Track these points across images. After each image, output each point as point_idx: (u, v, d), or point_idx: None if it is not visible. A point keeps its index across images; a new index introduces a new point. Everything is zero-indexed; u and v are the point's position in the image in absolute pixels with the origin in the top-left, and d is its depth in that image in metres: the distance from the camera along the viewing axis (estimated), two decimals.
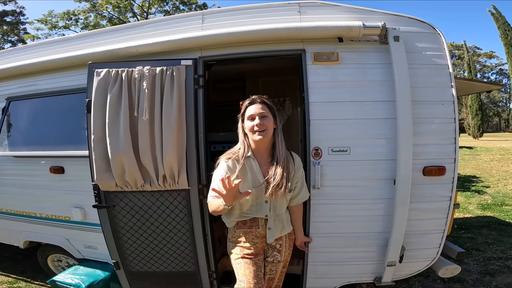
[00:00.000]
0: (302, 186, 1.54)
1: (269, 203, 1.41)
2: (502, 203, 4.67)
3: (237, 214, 1.42)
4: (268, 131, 1.39)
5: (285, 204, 1.48)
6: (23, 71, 2.22)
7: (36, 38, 15.45)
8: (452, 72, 1.79)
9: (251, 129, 1.38)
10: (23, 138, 2.35)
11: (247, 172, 1.40)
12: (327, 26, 1.71)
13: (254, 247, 1.42)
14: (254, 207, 1.40)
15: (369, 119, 1.74)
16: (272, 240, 1.44)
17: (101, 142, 1.71)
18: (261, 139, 1.38)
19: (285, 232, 1.50)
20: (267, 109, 1.41)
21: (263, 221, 1.43)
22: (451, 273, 1.97)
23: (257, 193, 1.38)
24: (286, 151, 1.46)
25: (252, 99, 1.43)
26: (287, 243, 1.51)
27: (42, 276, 2.67)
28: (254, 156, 1.42)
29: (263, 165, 1.43)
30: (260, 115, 1.38)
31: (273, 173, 1.37)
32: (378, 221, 1.79)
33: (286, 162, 1.41)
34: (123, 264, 1.99)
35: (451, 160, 1.73)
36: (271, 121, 1.40)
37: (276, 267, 1.51)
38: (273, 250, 1.48)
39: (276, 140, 1.43)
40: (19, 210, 2.39)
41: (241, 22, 1.85)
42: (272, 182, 1.36)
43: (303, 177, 1.55)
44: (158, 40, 1.84)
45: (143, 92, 1.67)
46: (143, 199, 1.83)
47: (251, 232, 1.43)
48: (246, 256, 1.40)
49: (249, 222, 1.43)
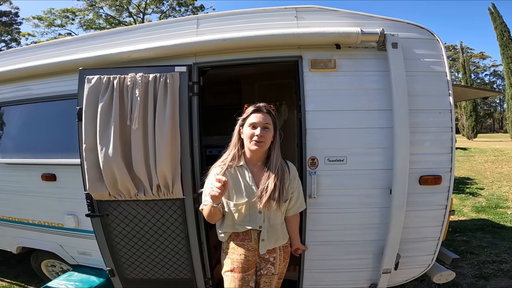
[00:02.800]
0: (298, 196, 1.51)
1: (263, 214, 1.39)
2: (496, 206, 4.72)
3: (230, 225, 1.40)
4: (265, 143, 1.37)
5: (280, 215, 1.45)
6: (13, 76, 2.16)
7: (32, 36, 15.24)
8: (450, 79, 1.77)
9: (249, 137, 1.36)
10: (14, 144, 2.30)
11: (239, 181, 1.37)
12: (324, 33, 1.68)
13: (245, 260, 1.40)
14: (247, 217, 1.38)
15: (366, 128, 1.72)
16: (264, 251, 1.41)
17: (93, 151, 1.67)
18: (256, 150, 1.36)
19: (279, 244, 1.47)
20: (270, 120, 1.39)
21: (255, 234, 1.41)
22: (445, 278, 1.98)
23: (250, 203, 1.36)
24: (282, 160, 1.44)
25: (259, 107, 1.39)
26: (282, 256, 1.48)
27: (36, 281, 2.65)
28: (246, 165, 1.40)
29: (256, 174, 1.40)
30: (263, 126, 1.35)
31: (266, 185, 1.35)
32: (374, 229, 1.79)
33: (280, 173, 1.39)
34: (118, 272, 1.98)
35: (447, 169, 1.73)
36: (271, 134, 1.38)
37: (271, 279, 1.48)
38: (266, 263, 1.45)
39: (272, 152, 1.40)
40: (11, 216, 2.36)
41: (236, 28, 1.82)
42: (265, 195, 1.33)
43: (299, 187, 1.52)
44: (151, 46, 1.80)
45: (136, 100, 1.63)
46: (137, 208, 1.80)
47: (243, 245, 1.41)
48: (235, 270, 1.39)
49: (241, 235, 1.41)
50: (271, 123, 1.38)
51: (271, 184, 1.34)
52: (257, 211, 1.37)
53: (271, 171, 1.37)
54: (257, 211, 1.38)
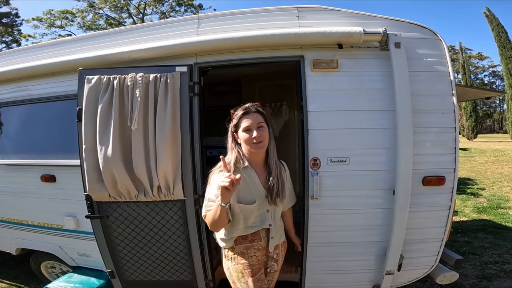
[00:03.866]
0: (291, 191, 1.55)
1: (270, 212, 1.39)
2: (497, 206, 4.70)
3: (241, 229, 1.36)
4: (265, 142, 1.35)
5: (280, 211, 1.48)
6: (13, 76, 2.15)
7: (32, 37, 15.23)
8: (453, 79, 1.76)
9: (247, 141, 1.33)
10: (13, 145, 2.28)
11: (247, 182, 1.36)
12: (326, 32, 1.67)
13: (256, 261, 1.39)
14: (258, 218, 1.37)
15: (368, 129, 1.71)
16: (272, 248, 1.42)
17: (92, 152, 1.65)
18: (259, 151, 1.34)
19: (282, 239, 1.50)
20: (262, 118, 1.34)
21: (264, 232, 1.40)
22: (449, 279, 1.97)
23: (260, 204, 1.36)
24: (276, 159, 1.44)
25: (246, 109, 1.34)
26: (283, 251, 1.51)
27: (35, 282, 2.64)
28: (251, 166, 1.38)
29: (260, 175, 1.40)
30: (257, 126, 1.33)
31: (272, 182, 1.35)
32: (377, 230, 1.78)
33: (279, 169, 1.40)
34: (118, 273, 1.96)
35: (450, 170, 1.72)
36: (267, 131, 1.36)
37: (273, 276, 1.50)
38: (271, 260, 1.47)
39: (270, 148, 1.39)
40: (10, 218, 2.34)
41: (238, 27, 1.80)
42: (273, 191, 1.34)
43: (290, 182, 1.54)
44: (151, 46, 1.78)
45: (136, 101, 1.62)
46: (138, 209, 1.79)
47: (253, 246, 1.39)
48: (249, 274, 1.37)
49: (250, 236, 1.38)
50: (263, 120, 1.34)
51: (275, 180, 1.35)
52: (265, 210, 1.38)
53: (271, 168, 1.37)
54: (265, 210, 1.38)
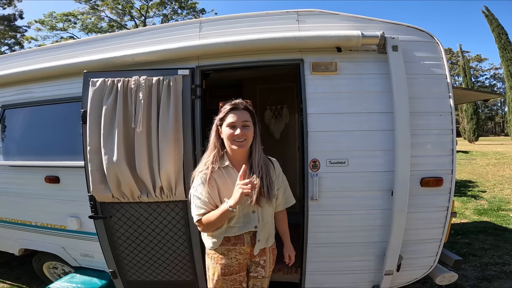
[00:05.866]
0: (284, 192, 1.46)
1: (256, 213, 1.34)
2: (498, 208, 4.70)
3: (224, 228, 1.33)
4: (247, 142, 1.30)
5: (271, 212, 1.41)
6: (17, 79, 2.19)
7: (35, 40, 15.38)
8: (450, 82, 1.79)
9: (229, 137, 1.28)
10: (18, 147, 2.32)
11: (228, 182, 1.31)
12: (325, 36, 1.70)
13: (237, 263, 1.34)
14: (241, 218, 1.32)
15: (367, 131, 1.73)
16: (257, 251, 1.36)
17: (97, 154, 1.69)
18: (239, 149, 1.29)
19: (270, 244, 1.41)
20: (249, 117, 1.29)
21: (248, 237, 1.34)
22: (448, 280, 1.98)
23: (242, 204, 1.29)
24: (265, 157, 1.39)
25: (235, 105, 1.29)
26: (271, 258, 1.44)
27: (37, 282, 2.65)
28: (232, 165, 1.34)
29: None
30: (243, 124, 1.27)
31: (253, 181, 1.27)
32: (376, 231, 1.80)
33: (265, 168, 1.34)
34: (120, 274, 1.98)
35: (448, 171, 1.74)
36: (251, 130, 1.31)
37: (262, 282, 1.45)
38: (256, 266, 1.40)
39: (254, 148, 1.33)
40: (14, 218, 2.36)
41: (239, 31, 1.84)
42: (254, 192, 1.24)
43: (284, 182, 1.47)
44: (154, 49, 1.82)
45: (139, 103, 1.65)
46: (140, 210, 1.82)
47: (235, 249, 1.34)
48: (226, 273, 1.34)
49: (233, 239, 1.33)
50: (250, 119, 1.29)
51: (257, 180, 1.28)
52: (250, 210, 1.33)
53: (254, 167, 1.32)
54: (250, 211, 1.33)
